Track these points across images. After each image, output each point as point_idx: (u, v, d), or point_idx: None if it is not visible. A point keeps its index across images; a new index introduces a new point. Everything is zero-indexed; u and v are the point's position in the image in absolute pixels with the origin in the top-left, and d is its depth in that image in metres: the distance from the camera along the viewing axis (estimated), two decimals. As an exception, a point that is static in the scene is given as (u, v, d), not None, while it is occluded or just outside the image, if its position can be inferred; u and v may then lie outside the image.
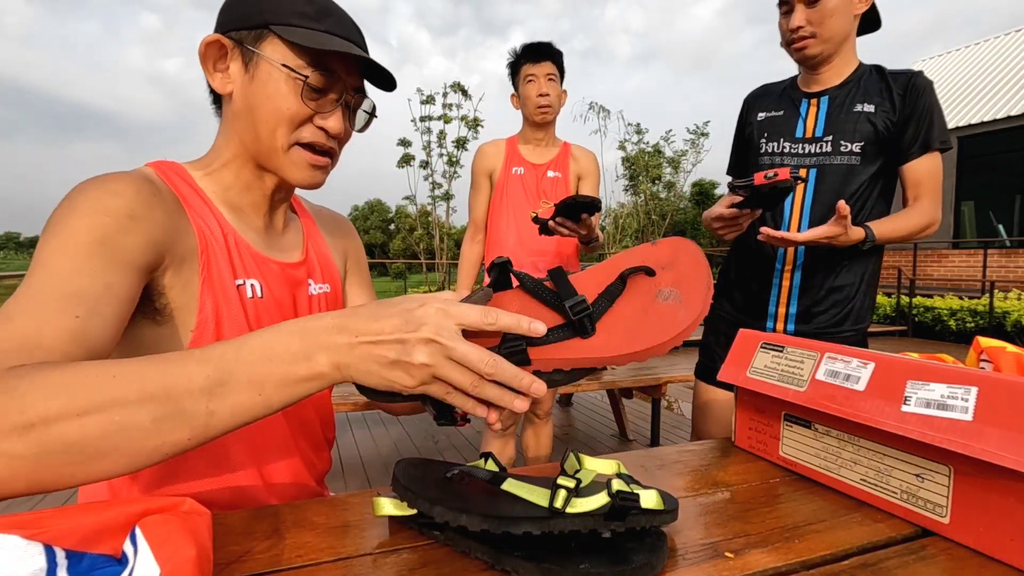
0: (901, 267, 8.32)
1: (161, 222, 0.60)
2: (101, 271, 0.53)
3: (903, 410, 0.53)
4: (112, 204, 0.56)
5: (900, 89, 1.21)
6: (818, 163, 1.27)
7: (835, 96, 1.27)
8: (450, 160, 12.50)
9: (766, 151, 1.35)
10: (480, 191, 1.91)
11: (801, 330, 1.32)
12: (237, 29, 0.64)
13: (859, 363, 0.60)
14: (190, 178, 0.68)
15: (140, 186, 0.59)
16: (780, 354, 0.69)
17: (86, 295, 0.51)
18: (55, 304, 0.48)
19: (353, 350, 0.43)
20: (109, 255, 0.54)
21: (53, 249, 0.52)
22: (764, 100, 1.40)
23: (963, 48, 12.80)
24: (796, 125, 1.30)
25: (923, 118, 1.19)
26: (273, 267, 0.72)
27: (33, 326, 0.46)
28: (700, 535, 0.51)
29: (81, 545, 0.36)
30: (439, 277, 12.36)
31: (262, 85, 0.64)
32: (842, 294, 1.29)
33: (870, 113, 1.22)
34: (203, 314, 0.63)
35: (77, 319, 0.48)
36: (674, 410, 4.07)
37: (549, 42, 1.81)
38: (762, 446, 0.72)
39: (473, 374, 0.43)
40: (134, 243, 0.56)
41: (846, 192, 1.24)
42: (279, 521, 0.53)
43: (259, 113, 0.65)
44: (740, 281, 1.43)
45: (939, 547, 0.50)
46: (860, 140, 1.22)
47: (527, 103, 1.80)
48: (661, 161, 16.63)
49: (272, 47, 0.64)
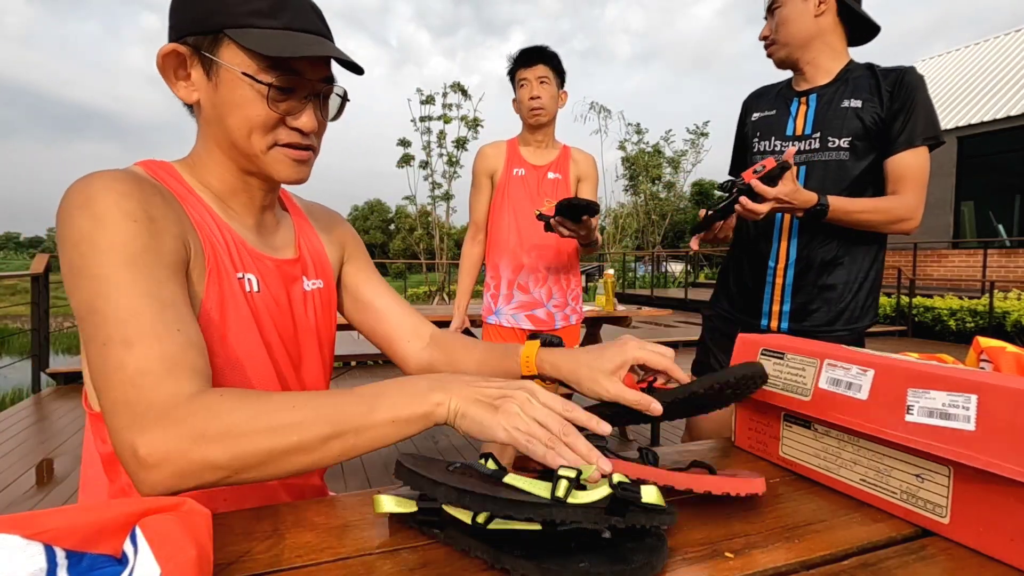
0: (901, 267, 8.31)
1: (172, 218, 0.60)
2: (163, 279, 0.55)
3: (907, 420, 0.53)
4: (130, 208, 0.56)
5: (889, 85, 1.23)
6: (807, 159, 1.29)
7: (823, 94, 1.30)
8: (450, 160, 12.51)
9: (759, 150, 1.38)
10: (481, 192, 1.92)
11: (794, 328, 1.33)
12: (192, 34, 0.62)
13: (859, 370, 0.60)
14: (179, 175, 0.68)
15: (141, 184, 0.59)
16: (781, 361, 0.69)
17: (170, 305, 0.54)
18: (156, 321, 0.52)
19: (467, 389, 0.53)
20: (158, 261, 0.56)
21: (109, 264, 0.53)
22: (760, 101, 1.43)
23: (963, 48, 12.80)
24: (787, 123, 1.34)
25: (910, 113, 1.21)
26: (268, 263, 0.72)
27: (159, 347, 0.51)
28: (700, 535, 0.51)
29: (81, 545, 0.36)
30: (439, 277, 12.36)
31: (227, 93, 0.62)
32: (835, 292, 1.30)
33: (858, 108, 1.24)
34: (208, 305, 0.63)
35: (179, 332, 0.53)
36: (674, 410, 4.07)
37: (542, 46, 1.82)
38: (762, 446, 0.72)
39: (549, 433, 0.51)
40: (168, 245, 0.58)
41: (837, 187, 1.25)
42: (279, 521, 0.53)
43: (229, 122, 0.64)
44: (737, 280, 1.46)
45: (939, 547, 0.50)
46: (848, 135, 1.24)
47: (521, 107, 1.84)
48: (661, 161, 16.65)
49: (230, 53, 0.61)
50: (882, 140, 1.24)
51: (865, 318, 1.33)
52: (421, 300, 12.15)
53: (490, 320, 1.90)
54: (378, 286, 0.89)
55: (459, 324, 1.96)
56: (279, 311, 0.73)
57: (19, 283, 19.38)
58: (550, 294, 1.88)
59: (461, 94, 12.39)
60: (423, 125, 12.43)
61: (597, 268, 14.77)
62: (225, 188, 0.70)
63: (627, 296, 12.10)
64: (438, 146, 12.55)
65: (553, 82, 1.80)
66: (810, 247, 1.30)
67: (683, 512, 0.56)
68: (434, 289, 12.40)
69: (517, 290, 1.87)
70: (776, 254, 1.35)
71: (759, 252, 1.38)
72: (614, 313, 3.00)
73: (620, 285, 14.80)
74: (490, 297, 1.91)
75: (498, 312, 1.88)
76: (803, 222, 1.29)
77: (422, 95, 12.35)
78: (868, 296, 1.33)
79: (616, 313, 3.01)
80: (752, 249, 1.40)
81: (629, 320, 3.11)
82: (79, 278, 0.53)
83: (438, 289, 12.22)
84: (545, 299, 1.88)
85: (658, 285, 15.58)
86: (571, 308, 1.94)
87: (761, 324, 1.39)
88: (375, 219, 35.94)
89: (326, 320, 0.82)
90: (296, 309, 0.76)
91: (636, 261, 18.40)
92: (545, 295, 1.88)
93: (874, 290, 1.34)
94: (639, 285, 16.49)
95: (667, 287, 15.67)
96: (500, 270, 1.88)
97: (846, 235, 1.27)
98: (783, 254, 1.34)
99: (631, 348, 0.68)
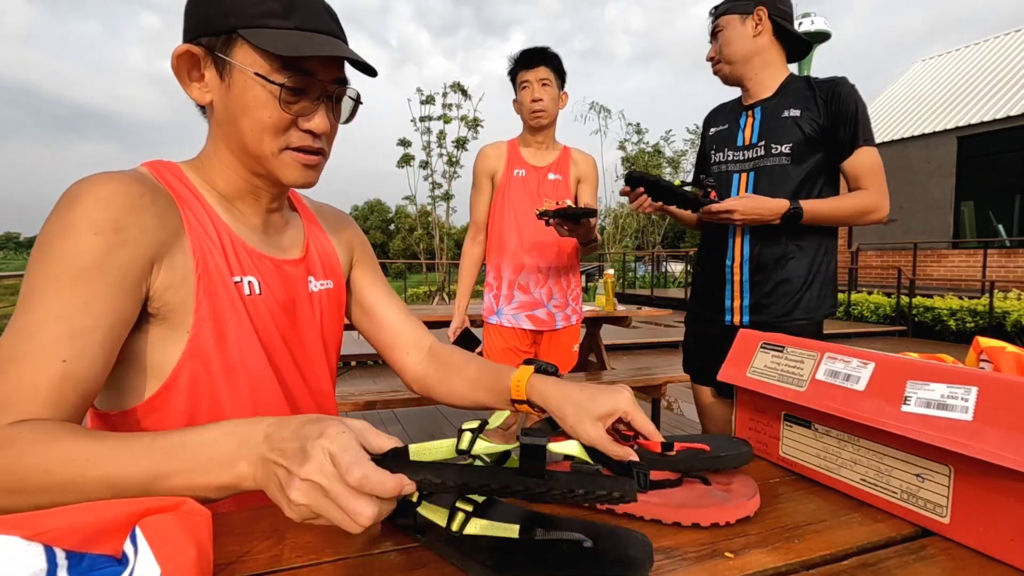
0: (901, 267, 8.32)
1: (149, 227, 0.59)
2: (94, 301, 0.54)
3: (903, 410, 0.53)
4: (100, 218, 0.56)
5: (823, 94, 1.37)
6: (755, 166, 1.45)
7: (767, 106, 1.45)
8: (450, 160, 12.51)
9: (715, 160, 1.54)
10: (482, 192, 1.92)
11: (755, 320, 1.44)
12: (206, 35, 0.62)
13: (859, 363, 0.60)
14: (184, 176, 0.68)
15: (129, 188, 0.59)
16: (780, 354, 0.69)
17: (78, 333, 0.53)
18: (45, 350, 0.51)
19: (264, 465, 0.44)
20: (101, 280, 0.55)
21: (45, 279, 0.53)
22: (716, 118, 1.60)
23: (963, 48, 12.80)
24: (737, 135, 1.50)
25: (849, 120, 1.35)
26: (268, 264, 0.72)
27: (24, 380, 0.50)
28: (700, 535, 0.51)
29: (81, 545, 0.36)
30: (439, 277, 12.36)
31: (239, 94, 0.62)
32: (791, 286, 1.42)
33: (796, 117, 1.39)
34: (200, 313, 0.63)
35: (64, 363, 0.52)
36: (674, 410, 4.07)
37: (544, 47, 1.82)
38: (762, 446, 0.72)
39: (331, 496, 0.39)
40: (124, 258, 0.57)
41: (783, 189, 1.39)
42: (279, 521, 0.53)
43: (241, 123, 0.64)
44: (703, 281, 1.58)
45: (939, 547, 0.50)
46: (789, 142, 1.39)
47: (522, 108, 1.85)
48: (661, 161, 16.65)
49: (243, 53, 0.61)
50: (822, 144, 1.38)
51: (822, 307, 1.44)
52: (421, 300, 12.15)
53: (491, 320, 1.91)
54: (383, 292, 0.90)
55: (459, 324, 1.96)
56: (282, 313, 0.72)
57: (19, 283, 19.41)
58: (551, 294, 1.88)
59: (461, 94, 12.39)
60: (423, 125, 12.43)
61: (597, 268, 14.77)
62: (231, 189, 0.70)
63: (627, 296, 12.10)
64: (438, 146, 12.55)
65: (554, 84, 1.80)
66: (762, 243, 1.42)
67: (683, 512, 0.55)
68: (434, 289, 12.40)
69: (518, 290, 1.87)
70: (732, 253, 1.48)
71: (717, 252, 1.51)
72: (614, 313, 3.00)
73: (620, 285, 14.80)
74: (492, 297, 1.91)
75: (499, 312, 1.89)
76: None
77: (422, 95, 12.35)
78: (823, 287, 1.43)
79: (616, 313, 3.01)
80: (711, 250, 1.54)
81: (629, 320, 3.11)
82: (26, 274, 0.55)
83: (438, 289, 12.22)
84: (546, 299, 1.88)
85: (658, 285, 15.59)
86: (572, 308, 1.94)
87: (725, 320, 1.49)
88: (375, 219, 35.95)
89: (333, 321, 0.81)
90: (301, 310, 0.75)
91: (636, 261, 18.40)
92: (545, 295, 1.88)
93: (828, 281, 1.45)
94: (639, 285, 16.49)
95: (667, 287, 15.68)
96: (501, 270, 1.88)
97: (795, 231, 1.39)
98: (738, 252, 1.46)
99: (624, 400, 0.63)
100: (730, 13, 1.44)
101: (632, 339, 6.64)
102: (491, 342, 1.92)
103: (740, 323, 1.47)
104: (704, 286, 1.58)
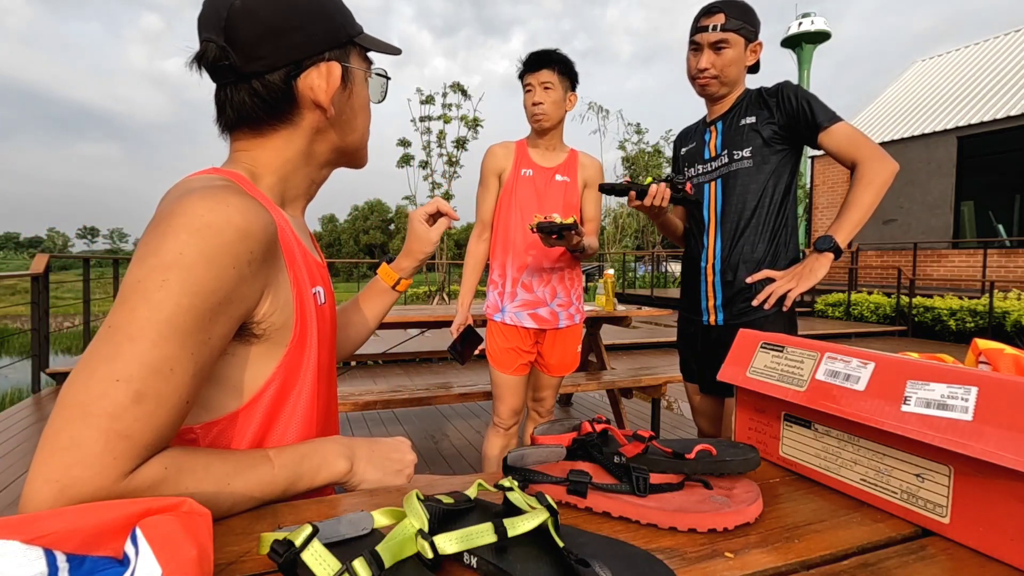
0: (901, 267, 8.32)
1: (270, 256, 0.58)
2: (218, 335, 0.53)
3: (903, 410, 0.53)
4: (241, 251, 0.53)
5: (772, 96, 1.46)
6: (720, 174, 1.54)
7: (726, 118, 1.55)
8: (450, 160, 12.49)
9: (689, 176, 1.63)
10: (488, 190, 1.93)
11: (728, 318, 1.50)
12: (329, 49, 0.68)
13: (859, 363, 0.60)
14: (255, 188, 0.66)
15: (260, 217, 0.56)
16: (780, 354, 0.69)
17: (200, 371, 0.52)
18: (179, 394, 0.50)
19: (373, 454, 0.68)
20: (226, 313, 0.53)
21: (183, 310, 0.49)
22: (685, 139, 1.69)
23: (963, 48, 12.79)
24: (703, 150, 1.60)
25: (802, 111, 1.41)
26: (324, 272, 0.75)
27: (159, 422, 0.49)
28: (700, 535, 0.51)
29: (82, 548, 0.36)
30: (439, 277, 12.34)
31: (359, 94, 0.72)
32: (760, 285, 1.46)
33: (752, 123, 1.48)
34: (297, 329, 0.63)
35: (187, 404, 0.52)
36: (674, 410, 4.07)
37: (549, 50, 1.82)
38: (762, 446, 0.72)
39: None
40: (249, 291, 0.56)
41: (747, 190, 1.48)
42: (279, 521, 0.53)
43: (358, 122, 0.73)
44: (685, 284, 1.65)
45: (939, 547, 0.50)
46: (748, 146, 1.48)
47: (525, 111, 1.86)
48: (661, 161, 16.64)
49: (355, 58, 0.71)
50: (784, 144, 1.46)
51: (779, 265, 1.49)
52: (421, 300, 12.14)
53: (496, 317, 1.91)
54: None
55: (462, 321, 1.96)
56: (333, 320, 0.76)
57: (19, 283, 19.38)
58: (554, 293, 1.89)
59: (461, 94, 12.37)
60: (423, 125, 12.41)
61: (597, 268, 14.76)
62: (297, 194, 0.73)
63: (627, 296, 12.09)
64: (438, 146, 12.53)
65: (559, 86, 1.80)
66: (731, 243, 1.49)
67: (683, 512, 0.55)
68: (434, 289, 12.38)
69: (521, 288, 1.87)
70: (705, 254, 1.55)
71: (693, 253, 1.59)
72: (614, 313, 3.00)
73: (620, 285, 14.80)
74: (496, 295, 1.91)
75: (503, 310, 1.89)
76: (725, 222, 1.50)
77: (422, 95, 12.33)
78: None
79: (616, 313, 3.01)
80: (689, 251, 1.62)
81: (629, 320, 3.11)
82: (153, 292, 0.49)
83: (438, 289, 12.20)
84: (549, 298, 1.88)
85: (658, 285, 15.58)
86: (575, 307, 1.95)
87: (703, 319, 1.56)
88: (375, 219, 35.92)
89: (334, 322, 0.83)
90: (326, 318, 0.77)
91: (636, 261, 18.39)
92: (549, 294, 1.88)
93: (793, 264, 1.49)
94: (639, 285, 16.49)
95: (667, 287, 15.68)
96: (506, 268, 1.89)
97: (769, 236, 1.46)
98: (711, 253, 1.53)
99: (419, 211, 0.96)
100: (740, 34, 1.46)
101: (632, 339, 6.64)
102: (494, 340, 1.92)
103: (715, 323, 1.53)
104: (686, 287, 1.64)
